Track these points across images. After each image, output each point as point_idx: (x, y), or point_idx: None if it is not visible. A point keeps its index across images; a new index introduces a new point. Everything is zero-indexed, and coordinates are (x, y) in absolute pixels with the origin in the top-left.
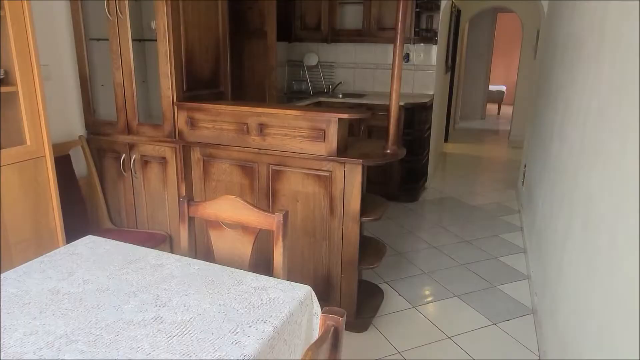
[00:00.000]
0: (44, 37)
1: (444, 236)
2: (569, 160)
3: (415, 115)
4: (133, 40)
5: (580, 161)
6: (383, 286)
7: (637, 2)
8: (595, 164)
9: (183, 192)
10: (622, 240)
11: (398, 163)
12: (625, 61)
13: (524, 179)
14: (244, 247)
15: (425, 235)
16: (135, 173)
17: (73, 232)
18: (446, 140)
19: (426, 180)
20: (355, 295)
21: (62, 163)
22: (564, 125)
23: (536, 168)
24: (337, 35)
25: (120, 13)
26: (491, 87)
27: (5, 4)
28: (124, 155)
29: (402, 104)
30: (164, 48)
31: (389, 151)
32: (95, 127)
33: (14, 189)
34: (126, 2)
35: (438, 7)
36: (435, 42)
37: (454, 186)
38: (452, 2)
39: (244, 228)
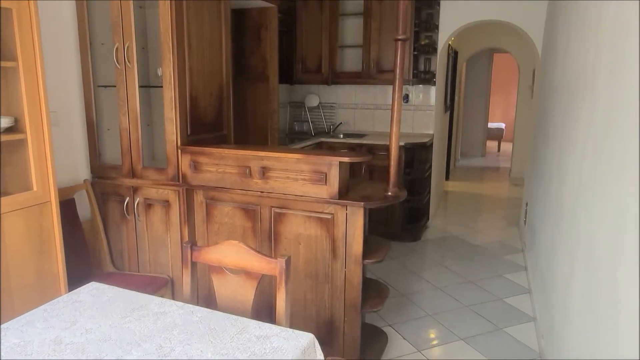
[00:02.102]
0: (53, 84)
1: (448, 276)
2: (568, 200)
3: (416, 155)
4: (140, 87)
5: (579, 200)
6: (387, 329)
7: (628, 45)
8: (593, 203)
9: (185, 235)
10: (623, 281)
11: (400, 203)
12: (618, 103)
13: (526, 217)
14: (247, 292)
15: (428, 275)
16: (138, 216)
17: (75, 275)
18: (447, 178)
19: (428, 219)
20: (358, 340)
21: (67, 207)
22: (562, 165)
23: (537, 206)
24: (338, 77)
25: (129, 61)
26: (490, 125)
27: (19, 55)
28: (127, 198)
29: (402, 143)
30: (170, 94)
31: (390, 193)
32: (100, 171)
33: (19, 234)
34: (134, 51)
35: (435, 50)
36: (434, 83)
37: (456, 225)
38: (449, 44)
39: (246, 273)
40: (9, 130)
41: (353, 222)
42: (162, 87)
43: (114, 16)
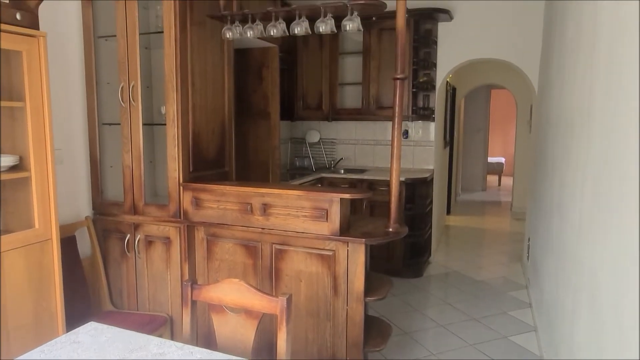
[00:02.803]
0: (59, 122)
1: (451, 314)
2: (570, 236)
3: (416, 190)
4: (143, 124)
5: (581, 237)
6: None
7: (621, 82)
8: (595, 240)
9: (186, 273)
10: (628, 321)
11: (401, 238)
12: (615, 142)
13: (528, 252)
14: (247, 332)
15: (431, 313)
16: (138, 253)
17: (73, 313)
18: (448, 212)
19: (430, 254)
20: None
21: (67, 244)
22: (563, 201)
23: (539, 242)
24: (338, 114)
25: (133, 100)
26: (490, 159)
27: (27, 95)
28: (128, 235)
29: (402, 179)
30: (173, 132)
31: (391, 229)
32: (102, 208)
33: (18, 273)
34: (139, 90)
35: (434, 87)
36: (433, 119)
37: (458, 260)
38: (447, 81)
39: (247, 312)
40: (14, 168)
41: (354, 258)
42: (165, 124)
43: (121, 57)
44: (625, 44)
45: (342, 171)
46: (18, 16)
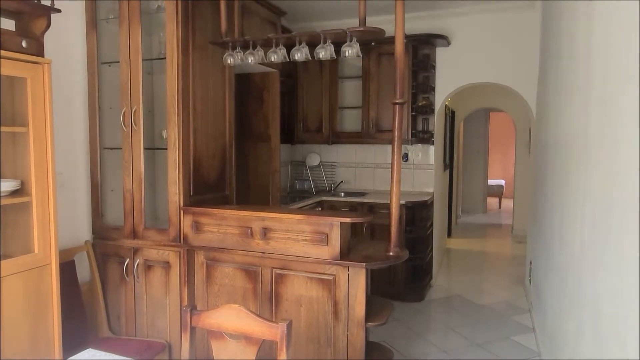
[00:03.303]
0: (61, 146)
1: (454, 339)
2: (571, 260)
3: (417, 213)
4: (144, 148)
5: (582, 261)
6: None
7: (616, 107)
8: (596, 264)
9: (185, 297)
10: (632, 347)
11: (402, 261)
12: (612, 164)
13: (530, 276)
14: (247, 358)
15: (434, 338)
16: (137, 278)
17: (71, 340)
18: (449, 235)
19: (431, 278)
20: None
21: (66, 269)
22: (563, 224)
23: (541, 265)
24: (338, 137)
25: (135, 125)
26: (490, 182)
27: (30, 120)
28: (127, 259)
29: (403, 202)
30: (174, 156)
31: (392, 253)
32: (102, 232)
33: (16, 299)
34: (141, 115)
35: (433, 111)
36: (432, 142)
37: (460, 284)
38: (446, 105)
39: (246, 339)
40: (15, 192)
41: (355, 283)
42: (166, 148)
43: (124, 82)
44: (619, 70)
45: (343, 194)
46: (24, 44)
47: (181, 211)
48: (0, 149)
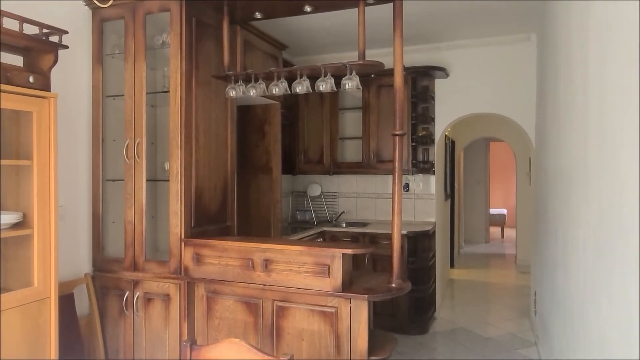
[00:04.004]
0: (64, 178)
1: None
2: (575, 291)
3: (419, 243)
4: (146, 180)
5: (586, 293)
6: None
7: (615, 134)
8: (600, 296)
9: (185, 331)
10: None
11: (405, 293)
12: (611, 193)
13: (535, 307)
14: None
15: None
16: (137, 311)
17: None
18: (452, 266)
19: (435, 310)
20: None
21: (65, 302)
22: (566, 255)
23: (546, 296)
24: (339, 168)
25: (138, 157)
26: (492, 211)
27: (35, 154)
28: (127, 292)
29: (404, 232)
30: (176, 187)
31: (394, 285)
32: (102, 264)
33: (14, 333)
34: (144, 147)
35: (433, 141)
36: (433, 172)
37: (464, 316)
38: (446, 135)
39: None
40: (17, 225)
41: (357, 315)
42: (168, 180)
43: (127, 115)
44: (615, 98)
45: (344, 225)
46: (31, 79)
47: (182, 243)
48: (0, 182)
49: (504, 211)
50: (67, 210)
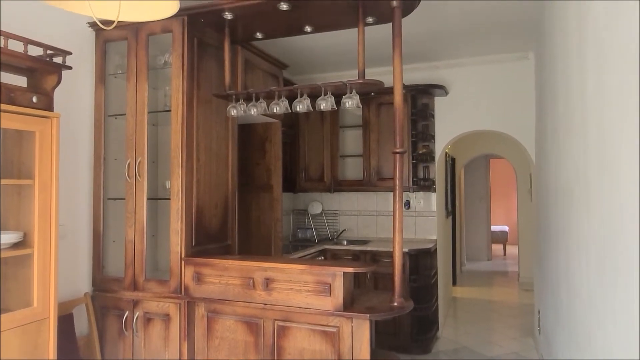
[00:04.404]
0: (65, 197)
1: None
2: (579, 309)
3: (420, 261)
4: (147, 199)
5: (590, 310)
6: None
7: (614, 150)
8: (605, 313)
9: (185, 352)
10: None
11: (407, 312)
12: (613, 211)
13: (540, 326)
14: None
15: None
16: (136, 332)
17: None
18: (454, 284)
19: (438, 329)
20: None
21: (64, 323)
22: (569, 272)
23: (550, 315)
24: (340, 185)
25: (139, 175)
26: (494, 228)
27: (36, 173)
28: (127, 312)
29: (406, 250)
30: (177, 206)
31: (396, 304)
32: (102, 284)
33: (13, 354)
34: (145, 165)
35: (433, 158)
36: (434, 190)
37: (468, 335)
38: (446, 152)
39: None
40: (17, 244)
41: (359, 335)
42: (169, 199)
43: (129, 134)
44: (614, 114)
45: (345, 242)
46: (34, 99)
47: (183, 262)
48: (0, 202)
49: (506, 228)
50: (67, 229)
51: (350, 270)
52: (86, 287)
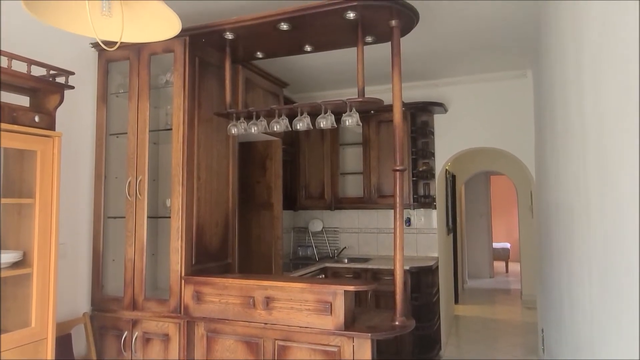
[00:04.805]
0: (65, 216)
1: None
2: (583, 327)
3: (422, 279)
4: (148, 217)
5: (593, 328)
6: None
7: (614, 166)
8: (610, 331)
9: None
10: None
11: (409, 331)
12: (614, 228)
13: (543, 345)
14: None
15: None
16: (135, 352)
17: None
18: (457, 302)
19: (440, 348)
20: None
21: (63, 343)
22: (572, 289)
23: (553, 333)
24: (340, 203)
25: (139, 194)
26: (495, 245)
27: (37, 192)
28: (126, 332)
29: (407, 267)
30: (177, 224)
31: (397, 323)
32: (101, 303)
33: None
34: (146, 184)
35: (433, 175)
36: (434, 207)
37: (471, 354)
38: (446, 169)
39: None
40: (17, 264)
41: (360, 355)
42: (169, 217)
43: (130, 153)
44: (613, 130)
45: (346, 260)
46: (36, 119)
47: (182, 281)
48: (0, 221)
49: (508, 245)
50: (67, 247)
51: (351, 288)
52: (85, 306)
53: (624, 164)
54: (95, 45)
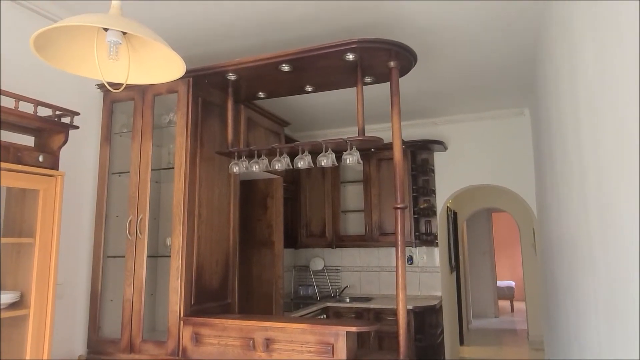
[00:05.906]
0: (64, 255)
1: None
2: None
3: (426, 319)
4: (147, 256)
5: None
6: None
7: (614, 201)
8: None
9: None
10: None
11: None
12: (617, 263)
13: None
14: None
15: None
16: None
17: None
18: (462, 343)
19: None
20: None
21: None
22: (580, 333)
23: None
24: (341, 241)
25: (140, 233)
26: (500, 283)
27: (38, 232)
28: None
29: (410, 307)
30: (177, 264)
31: None
32: (97, 346)
33: None
34: (147, 223)
35: (435, 212)
36: (437, 244)
37: None
38: (447, 206)
39: None
40: (14, 305)
41: None
42: (169, 256)
43: (132, 192)
44: (611, 166)
45: (348, 300)
46: (40, 158)
47: (181, 322)
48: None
49: (512, 283)
50: (65, 287)
51: (353, 329)
52: (81, 348)
53: (624, 198)
54: (101, 86)
